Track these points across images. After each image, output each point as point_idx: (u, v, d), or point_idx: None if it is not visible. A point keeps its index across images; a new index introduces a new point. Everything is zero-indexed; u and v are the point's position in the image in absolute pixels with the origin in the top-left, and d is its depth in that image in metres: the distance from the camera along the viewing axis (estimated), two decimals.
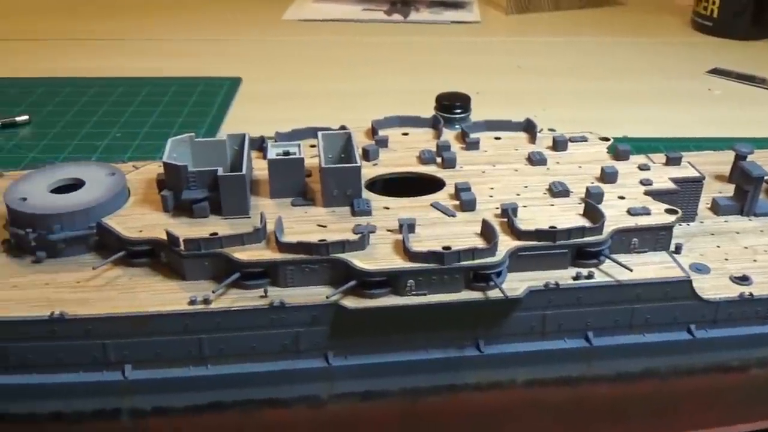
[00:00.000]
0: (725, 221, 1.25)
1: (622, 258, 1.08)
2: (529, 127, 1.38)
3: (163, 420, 1.02)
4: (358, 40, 3.02)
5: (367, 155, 1.28)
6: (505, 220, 1.09)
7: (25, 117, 2.13)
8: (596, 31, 3.21)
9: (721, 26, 3.09)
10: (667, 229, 1.11)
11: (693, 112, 2.32)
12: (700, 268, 1.13)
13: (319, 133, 1.18)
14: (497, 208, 1.12)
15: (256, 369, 1.02)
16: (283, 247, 1.02)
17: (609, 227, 1.08)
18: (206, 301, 1.00)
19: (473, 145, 1.32)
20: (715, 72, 2.68)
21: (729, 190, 1.31)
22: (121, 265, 1.06)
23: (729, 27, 3.07)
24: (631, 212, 1.12)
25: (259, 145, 1.28)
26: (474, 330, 1.05)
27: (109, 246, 1.08)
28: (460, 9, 3.47)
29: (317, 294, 1.02)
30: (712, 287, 1.10)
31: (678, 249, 1.15)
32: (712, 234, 1.22)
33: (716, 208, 1.27)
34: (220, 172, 1.08)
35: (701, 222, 1.24)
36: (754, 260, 1.15)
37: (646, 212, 1.12)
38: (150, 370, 1.00)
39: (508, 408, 1.09)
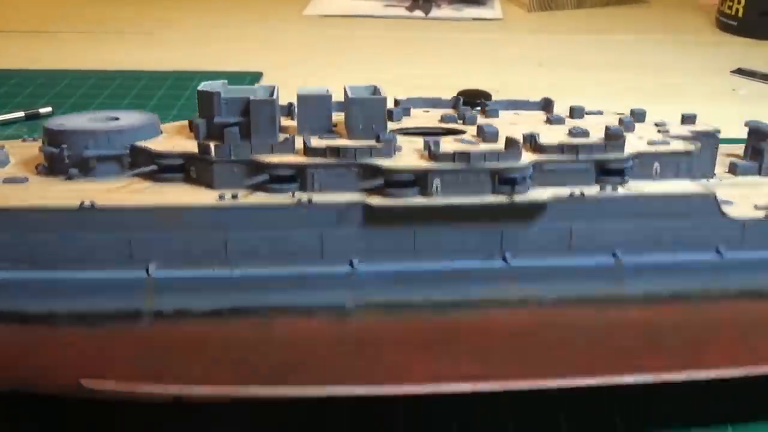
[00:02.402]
0: (744, 179, 1.25)
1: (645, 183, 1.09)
2: (547, 105, 1.39)
3: (184, 326, 1.00)
4: (379, 36, 3.02)
5: (390, 116, 1.28)
6: (529, 144, 1.11)
7: (49, 109, 2.15)
8: (619, 29, 3.19)
9: (746, 26, 3.06)
10: (689, 154, 1.12)
11: (717, 112, 2.29)
12: (723, 202, 1.12)
13: (346, 86, 1.15)
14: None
15: (281, 272, 1.01)
16: (312, 152, 1.03)
17: (630, 149, 1.10)
18: (234, 197, 1.01)
19: (493, 113, 1.34)
20: (740, 72, 2.64)
21: None
22: (151, 181, 1.07)
23: (754, 27, 3.04)
24: (650, 143, 1.14)
25: (288, 111, 1.29)
26: (500, 241, 1.05)
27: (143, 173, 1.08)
28: (482, 6, 3.46)
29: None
30: (737, 213, 1.10)
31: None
32: (732, 185, 1.21)
33: (734, 169, 1.27)
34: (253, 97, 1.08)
35: (720, 180, 1.24)
36: None
37: (665, 143, 1.14)
38: (174, 270, 1.00)
39: (537, 329, 1.06)
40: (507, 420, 1.17)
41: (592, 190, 1.07)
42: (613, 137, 1.11)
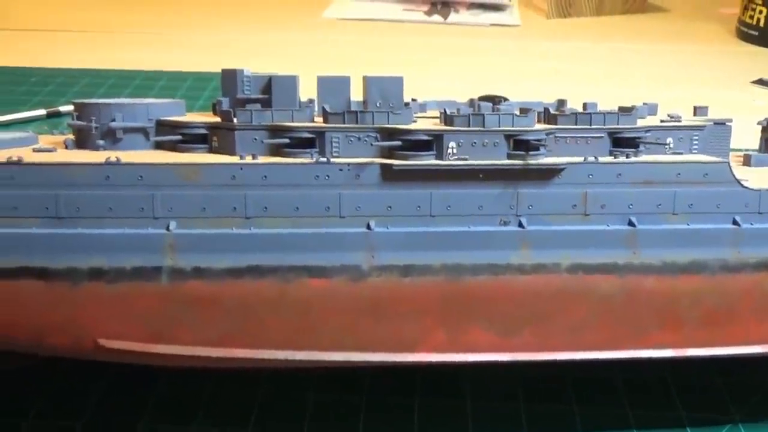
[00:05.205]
0: (758, 169, 1.26)
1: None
2: (561, 105, 1.40)
3: (202, 284, 1.02)
4: (398, 41, 3.03)
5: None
6: (544, 118, 1.13)
7: (70, 107, 2.16)
8: (638, 37, 3.18)
9: None
10: (701, 129, 1.14)
11: (736, 123, 2.28)
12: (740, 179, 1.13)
13: (365, 76, 1.16)
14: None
15: (299, 231, 1.03)
16: (331, 117, 1.06)
17: (643, 122, 1.13)
18: (254, 157, 1.04)
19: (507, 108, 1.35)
20: (761, 83, 2.63)
21: None
22: (175, 152, 1.10)
23: None
24: (663, 121, 1.17)
25: (307, 105, 1.31)
26: (516, 206, 1.06)
27: (167, 144, 1.11)
28: (500, 11, 3.46)
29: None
30: (753, 185, 1.11)
31: None
32: (747, 172, 1.22)
33: (748, 160, 1.29)
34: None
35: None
36: None
37: (678, 119, 1.17)
38: (194, 229, 1.02)
39: (554, 296, 1.06)
40: (516, 387, 1.20)
41: (606, 159, 1.08)
42: (626, 109, 1.13)
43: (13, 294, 1.01)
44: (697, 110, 1.29)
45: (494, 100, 1.45)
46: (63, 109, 2.15)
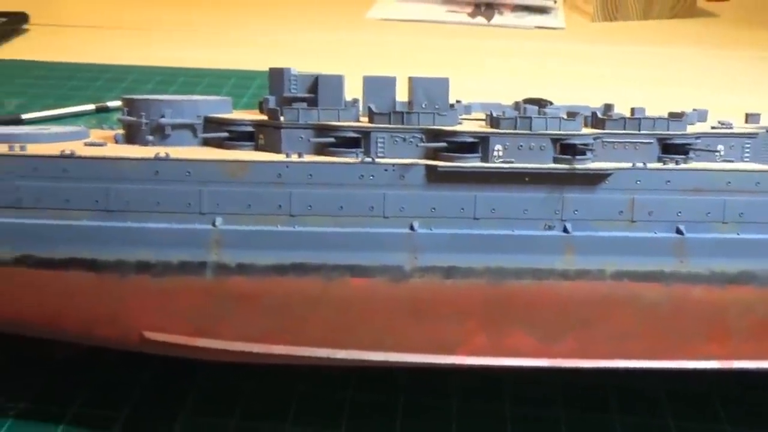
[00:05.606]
0: None
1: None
2: (608, 110, 1.39)
3: (246, 280, 1.03)
4: (441, 42, 3.02)
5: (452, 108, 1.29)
6: (591, 122, 1.12)
7: (118, 102, 2.21)
8: (686, 42, 3.12)
9: None
10: (753, 137, 1.11)
11: None
12: None
13: (411, 77, 1.17)
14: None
15: (342, 231, 1.04)
16: (377, 117, 1.07)
17: (693, 129, 1.11)
18: (300, 155, 1.05)
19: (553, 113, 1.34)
20: None
21: None
22: (221, 148, 1.12)
23: None
24: (714, 128, 1.15)
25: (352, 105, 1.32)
26: (561, 210, 1.06)
27: (214, 141, 1.13)
28: (545, 14, 3.43)
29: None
30: None
31: None
32: None
33: None
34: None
35: None
36: None
37: (729, 126, 1.15)
38: (239, 225, 1.04)
39: (598, 303, 1.05)
40: (557, 393, 1.19)
41: (655, 165, 1.07)
42: (676, 115, 1.12)
43: (64, 284, 1.03)
44: (749, 117, 1.27)
45: (540, 103, 1.44)
46: (111, 104, 2.20)
